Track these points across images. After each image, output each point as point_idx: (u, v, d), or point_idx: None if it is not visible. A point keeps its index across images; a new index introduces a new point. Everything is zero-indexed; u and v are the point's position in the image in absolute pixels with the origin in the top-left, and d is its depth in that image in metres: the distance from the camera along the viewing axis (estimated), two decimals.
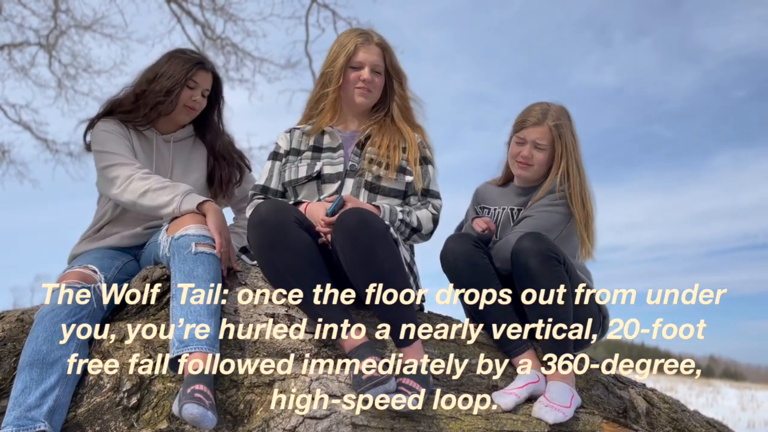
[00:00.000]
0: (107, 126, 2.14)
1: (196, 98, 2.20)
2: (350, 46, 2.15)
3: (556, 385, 1.88)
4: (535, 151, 2.16)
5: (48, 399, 1.57)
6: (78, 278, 1.82)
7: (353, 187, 2.10)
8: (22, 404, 1.55)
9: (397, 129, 2.19)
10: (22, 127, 9.48)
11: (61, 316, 1.71)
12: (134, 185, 1.98)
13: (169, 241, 1.85)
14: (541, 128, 2.15)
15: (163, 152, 2.24)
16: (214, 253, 1.83)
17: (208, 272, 1.79)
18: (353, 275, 1.79)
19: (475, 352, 2.01)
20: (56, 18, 8.93)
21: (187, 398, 1.50)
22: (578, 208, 2.10)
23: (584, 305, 2.07)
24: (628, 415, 2.07)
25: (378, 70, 2.17)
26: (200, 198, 1.95)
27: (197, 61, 2.20)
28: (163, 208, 1.93)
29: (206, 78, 2.22)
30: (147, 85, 2.16)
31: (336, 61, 2.16)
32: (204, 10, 9.04)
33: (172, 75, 2.14)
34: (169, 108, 2.16)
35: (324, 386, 1.68)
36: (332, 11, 8.99)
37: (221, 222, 1.92)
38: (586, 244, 2.11)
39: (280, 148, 2.24)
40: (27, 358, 1.63)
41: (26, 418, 1.53)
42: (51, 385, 1.59)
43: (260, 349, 1.85)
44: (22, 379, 1.60)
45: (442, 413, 1.73)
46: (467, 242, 2.05)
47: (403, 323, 1.79)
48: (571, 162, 2.15)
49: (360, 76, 2.14)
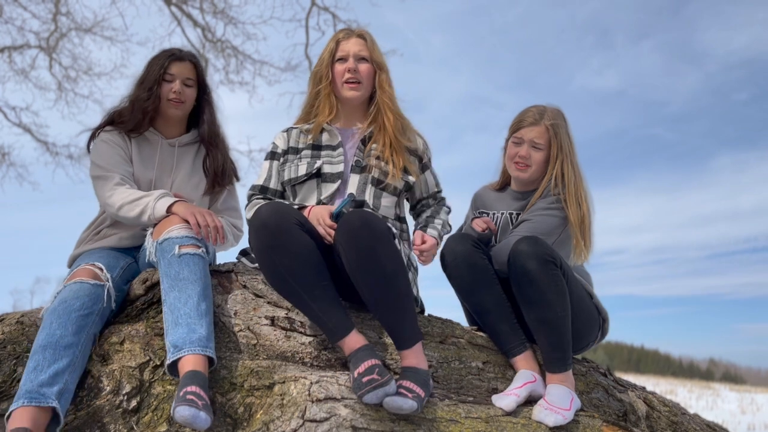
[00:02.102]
0: (105, 136, 2.19)
1: (176, 89, 2.21)
2: (332, 44, 2.22)
3: (556, 389, 1.88)
4: (532, 150, 2.17)
5: (59, 380, 1.59)
6: (89, 276, 1.83)
7: (360, 182, 2.11)
8: (34, 380, 1.56)
9: (398, 128, 2.19)
10: (22, 129, 9.50)
11: (74, 307, 1.73)
12: (112, 200, 2.03)
13: (155, 245, 1.87)
14: (538, 127, 2.17)
15: (166, 156, 2.25)
16: (199, 253, 1.84)
17: (194, 273, 1.79)
18: (355, 276, 1.79)
19: (475, 355, 2.01)
20: (56, 21, 8.95)
21: (179, 401, 1.51)
22: (573, 209, 2.11)
23: (583, 308, 2.07)
24: (628, 419, 2.07)
25: (363, 57, 2.20)
26: (171, 200, 1.97)
27: (170, 53, 2.25)
28: (140, 218, 1.98)
29: (183, 67, 2.24)
30: (136, 91, 2.22)
31: (322, 60, 2.23)
32: (204, 13, 9.07)
33: (150, 73, 2.21)
34: (153, 104, 2.19)
35: (324, 389, 1.68)
36: (332, 14, 9.02)
37: (189, 206, 1.95)
38: (580, 245, 2.11)
39: (277, 148, 2.24)
40: (41, 342, 1.65)
41: (38, 393, 1.55)
42: (63, 368, 1.61)
43: (260, 352, 1.85)
44: (35, 359, 1.61)
45: (442, 416, 1.73)
46: (467, 243, 2.06)
47: (403, 325, 1.79)
48: (566, 163, 2.16)
49: (346, 68, 2.17)
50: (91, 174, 2.14)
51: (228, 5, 8.99)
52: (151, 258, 1.90)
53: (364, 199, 2.08)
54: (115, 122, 2.23)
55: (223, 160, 2.31)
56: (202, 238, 1.89)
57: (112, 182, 2.07)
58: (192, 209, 1.93)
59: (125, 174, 2.12)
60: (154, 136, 2.26)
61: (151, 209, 1.95)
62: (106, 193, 2.05)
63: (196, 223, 1.88)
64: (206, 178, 2.28)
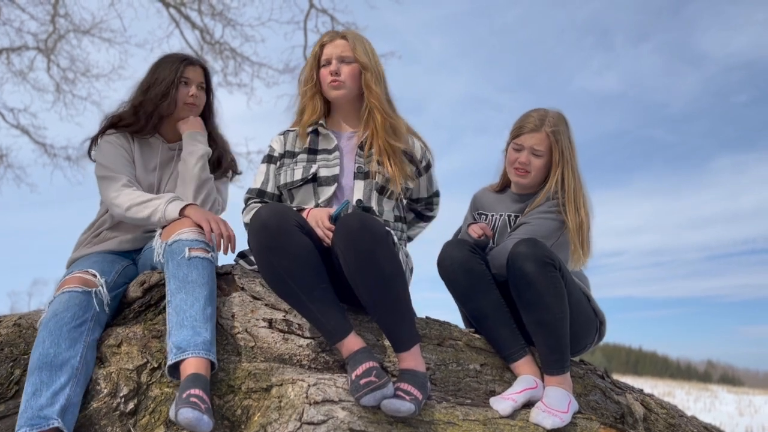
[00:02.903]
0: (110, 138, 2.19)
1: (194, 93, 2.24)
2: (317, 48, 2.23)
3: (554, 391, 1.88)
4: (532, 157, 2.17)
5: (59, 398, 1.59)
6: (79, 283, 1.82)
7: (365, 189, 2.11)
8: (33, 405, 1.56)
9: (387, 130, 2.18)
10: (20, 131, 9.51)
11: (65, 320, 1.71)
12: (119, 200, 2.03)
13: (163, 246, 1.86)
14: (539, 134, 2.16)
15: (166, 161, 2.25)
16: (208, 257, 1.84)
17: (203, 277, 1.79)
18: (353, 279, 1.79)
19: (473, 357, 2.01)
20: (55, 22, 8.95)
21: (183, 403, 1.50)
22: (572, 215, 2.11)
23: (581, 311, 2.07)
24: (626, 421, 2.07)
25: (346, 60, 2.19)
26: (183, 203, 1.97)
27: (183, 58, 2.27)
28: (149, 219, 1.97)
29: (197, 72, 2.27)
30: (143, 96, 2.21)
31: (307, 63, 2.26)
32: (202, 15, 9.07)
33: (164, 78, 2.20)
34: (170, 108, 2.20)
35: (322, 391, 1.68)
36: (331, 16, 9.03)
37: (203, 212, 1.95)
38: (577, 251, 2.10)
39: (274, 151, 2.25)
40: (35, 361, 1.64)
41: (39, 417, 1.55)
42: (61, 385, 1.61)
43: (258, 354, 1.85)
44: (32, 382, 1.61)
45: (439, 419, 1.73)
46: (464, 248, 2.05)
47: (401, 328, 1.79)
48: (567, 169, 2.16)
49: (329, 70, 2.18)
50: (96, 173, 2.14)
51: (226, 7, 9.01)
52: (158, 258, 1.88)
53: (371, 206, 2.10)
54: (118, 125, 2.21)
55: (219, 154, 2.31)
56: (213, 244, 1.89)
57: (119, 183, 2.07)
58: (206, 215, 1.93)
59: (131, 176, 2.13)
60: (156, 139, 2.26)
61: (162, 212, 1.94)
62: (113, 193, 2.05)
63: (209, 230, 1.88)
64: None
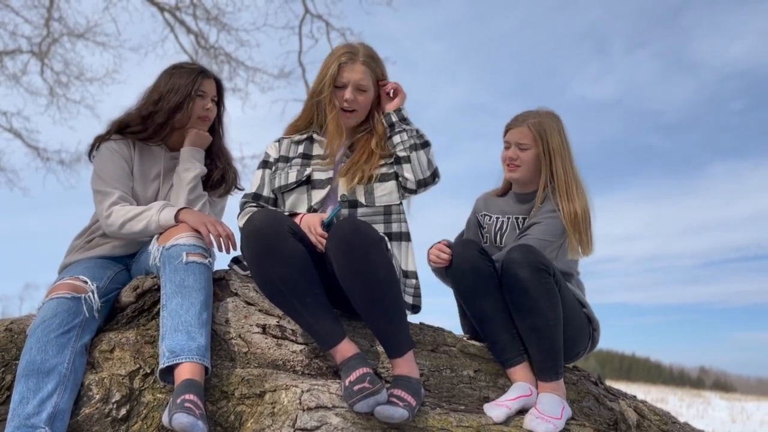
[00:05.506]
0: (111, 145, 2.15)
1: (209, 106, 2.23)
2: (334, 66, 2.15)
3: (547, 397, 1.88)
4: (519, 151, 2.25)
5: (47, 405, 1.57)
6: (68, 289, 1.80)
7: (348, 181, 2.10)
8: (20, 413, 1.55)
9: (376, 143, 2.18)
10: (13, 134, 9.48)
11: (52, 326, 1.70)
12: (111, 219, 2.01)
13: (160, 250, 1.85)
14: (522, 128, 2.25)
15: (168, 170, 2.23)
16: (205, 262, 1.84)
17: (199, 282, 1.79)
18: (346, 284, 1.79)
19: (467, 363, 2.01)
20: (49, 26, 8.93)
21: (177, 408, 1.50)
22: (563, 204, 2.14)
23: (575, 317, 2.07)
24: (619, 427, 2.08)
25: (363, 88, 2.18)
26: (175, 208, 1.96)
27: (200, 70, 2.23)
28: (146, 230, 1.96)
29: (211, 85, 2.25)
30: (154, 106, 2.16)
31: (322, 78, 2.18)
32: (197, 20, 9.08)
33: (179, 89, 2.16)
34: (183, 121, 2.18)
35: (315, 397, 1.68)
36: (326, 22, 9.07)
37: (198, 215, 1.94)
38: (573, 240, 2.12)
39: (269, 157, 2.26)
40: (22, 369, 1.63)
41: (25, 426, 1.53)
42: (49, 393, 1.59)
43: (251, 360, 1.84)
44: (19, 390, 1.60)
45: (433, 425, 1.72)
46: (474, 248, 2.06)
47: (395, 333, 1.79)
48: (556, 160, 2.21)
49: (344, 97, 2.16)
50: (92, 185, 2.12)
51: (221, 12, 9.02)
52: (155, 262, 1.87)
53: (356, 198, 2.08)
54: (125, 131, 2.18)
55: (223, 171, 2.30)
56: (209, 248, 1.88)
57: (109, 200, 2.04)
58: (202, 218, 1.92)
59: (126, 190, 2.10)
60: (158, 148, 2.24)
61: (156, 222, 1.93)
62: (105, 212, 2.03)
63: (207, 234, 1.87)
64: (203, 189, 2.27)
